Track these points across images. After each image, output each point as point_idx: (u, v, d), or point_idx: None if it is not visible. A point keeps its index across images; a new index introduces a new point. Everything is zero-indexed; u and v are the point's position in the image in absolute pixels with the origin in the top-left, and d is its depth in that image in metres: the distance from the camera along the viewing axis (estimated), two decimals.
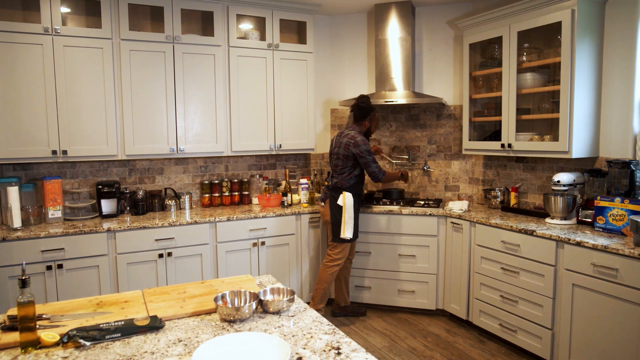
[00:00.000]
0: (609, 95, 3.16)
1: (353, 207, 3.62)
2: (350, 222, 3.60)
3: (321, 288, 3.69)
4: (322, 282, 3.68)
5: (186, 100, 3.74)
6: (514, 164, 3.92)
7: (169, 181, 4.07)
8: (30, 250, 3.07)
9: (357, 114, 3.70)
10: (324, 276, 3.68)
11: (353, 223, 3.61)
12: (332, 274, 3.68)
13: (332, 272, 3.67)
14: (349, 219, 3.60)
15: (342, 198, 3.61)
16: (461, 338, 3.53)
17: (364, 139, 3.57)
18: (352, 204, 3.61)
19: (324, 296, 3.70)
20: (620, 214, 2.79)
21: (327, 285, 3.69)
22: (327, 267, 3.68)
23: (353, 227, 3.61)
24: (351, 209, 3.61)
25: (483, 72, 3.81)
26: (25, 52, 3.22)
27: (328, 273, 3.67)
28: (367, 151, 3.55)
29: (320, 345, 1.41)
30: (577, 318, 2.76)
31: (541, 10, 3.21)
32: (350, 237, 3.61)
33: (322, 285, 3.68)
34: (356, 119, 3.71)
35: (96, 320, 1.61)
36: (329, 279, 3.68)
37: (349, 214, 3.60)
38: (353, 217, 3.61)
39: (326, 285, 3.68)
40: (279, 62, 4.06)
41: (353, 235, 3.63)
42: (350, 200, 3.61)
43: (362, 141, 3.55)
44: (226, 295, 1.73)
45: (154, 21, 3.79)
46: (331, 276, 3.68)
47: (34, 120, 3.27)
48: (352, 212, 3.61)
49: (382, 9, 4.18)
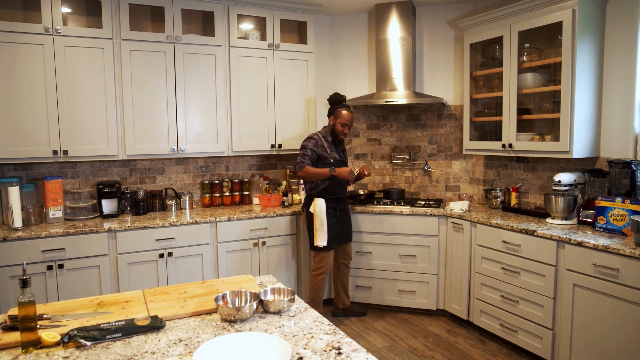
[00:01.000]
0: (610, 95, 3.16)
1: (326, 214, 3.53)
2: (322, 229, 3.51)
3: (311, 297, 3.64)
4: (310, 290, 3.64)
5: (187, 100, 3.74)
6: (515, 164, 3.92)
7: (170, 181, 4.07)
8: (31, 250, 3.07)
9: (328, 113, 3.70)
10: (311, 285, 3.64)
11: (326, 230, 3.52)
12: (317, 283, 3.61)
13: (318, 281, 3.60)
14: (320, 227, 3.51)
15: (313, 205, 3.55)
16: (462, 338, 3.53)
17: (310, 138, 3.57)
18: (324, 211, 3.52)
19: (315, 304, 3.62)
20: (621, 214, 2.79)
21: (316, 294, 3.62)
22: (312, 277, 3.63)
23: (326, 235, 3.52)
24: (323, 216, 3.51)
25: (484, 72, 3.81)
26: (26, 52, 3.22)
27: (313, 282, 3.62)
28: (303, 147, 3.53)
29: (320, 345, 1.41)
30: (577, 318, 2.76)
31: (542, 10, 3.20)
32: (324, 245, 3.51)
33: (311, 294, 3.64)
34: (328, 116, 3.71)
35: (97, 320, 1.61)
36: (315, 288, 3.62)
37: (319, 221, 3.51)
38: (325, 224, 3.52)
39: (314, 293, 3.62)
40: (280, 62, 4.06)
41: (328, 243, 3.53)
42: (322, 207, 3.52)
43: (308, 139, 3.56)
44: (227, 295, 1.73)
45: (155, 21, 3.80)
46: (317, 285, 3.61)
47: (34, 120, 3.27)
48: (323, 218, 3.51)
49: (382, 9, 4.18)
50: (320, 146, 3.57)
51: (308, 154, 3.51)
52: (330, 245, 3.57)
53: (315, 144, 3.55)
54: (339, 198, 3.65)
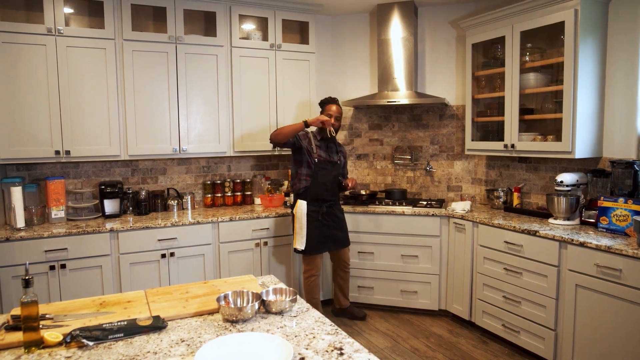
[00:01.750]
0: (613, 95, 3.15)
1: (305, 217, 3.44)
2: (300, 232, 3.42)
3: (306, 298, 3.62)
4: (305, 292, 3.64)
5: (189, 100, 3.74)
6: (517, 164, 3.91)
7: (172, 181, 4.07)
8: (34, 250, 3.08)
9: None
10: (304, 287, 3.63)
11: (304, 234, 3.43)
12: (309, 285, 3.58)
13: (309, 283, 3.58)
14: (299, 229, 3.43)
15: (296, 206, 3.49)
16: (464, 339, 3.52)
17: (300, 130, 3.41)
18: (305, 214, 3.43)
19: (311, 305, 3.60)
20: (624, 214, 2.78)
21: (310, 295, 3.60)
22: (304, 279, 3.62)
23: (305, 239, 3.42)
24: (302, 219, 3.43)
25: (486, 72, 3.80)
26: (29, 52, 3.23)
27: (306, 284, 3.60)
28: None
29: (322, 345, 1.41)
30: (580, 319, 2.75)
31: (544, 10, 3.20)
32: (302, 248, 3.44)
33: (306, 295, 3.63)
34: None
35: (99, 320, 1.61)
36: (308, 290, 3.60)
37: (299, 224, 3.43)
38: (304, 227, 3.43)
39: (309, 295, 3.61)
40: (281, 62, 4.07)
41: (308, 248, 3.44)
42: (302, 210, 3.44)
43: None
44: (229, 296, 1.73)
45: (157, 21, 3.80)
46: (309, 287, 3.58)
47: (37, 120, 3.28)
48: (303, 222, 3.43)
49: (384, 9, 4.18)
50: (306, 139, 3.50)
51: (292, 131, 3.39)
52: (312, 250, 3.48)
53: (304, 135, 3.49)
54: (323, 200, 3.52)
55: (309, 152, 3.49)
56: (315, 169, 3.49)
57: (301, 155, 3.50)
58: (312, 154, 3.48)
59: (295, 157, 3.54)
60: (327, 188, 3.54)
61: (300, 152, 3.50)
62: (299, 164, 3.52)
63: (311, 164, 3.49)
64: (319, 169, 3.51)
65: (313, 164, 3.48)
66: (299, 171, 3.51)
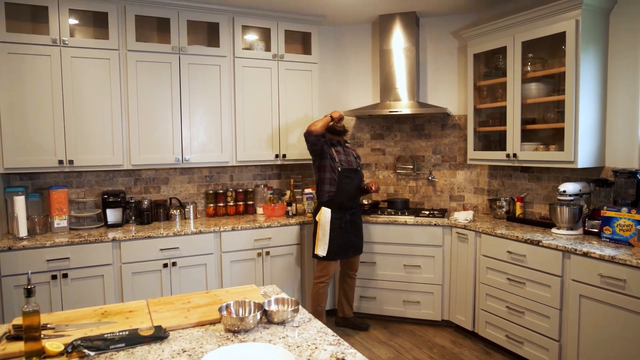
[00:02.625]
0: (614, 105, 3.15)
1: (329, 224, 3.50)
2: (323, 239, 3.49)
3: (312, 305, 3.63)
4: (312, 299, 3.63)
5: (192, 110, 3.76)
6: (519, 173, 3.91)
7: (174, 191, 4.08)
8: (36, 260, 3.08)
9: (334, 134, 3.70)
10: (312, 293, 3.63)
11: (327, 240, 3.50)
12: (318, 292, 3.59)
13: (318, 290, 3.59)
14: (322, 236, 3.50)
15: (320, 214, 3.54)
16: (467, 350, 3.49)
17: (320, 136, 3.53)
18: (329, 221, 3.50)
19: (316, 313, 3.60)
20: (627, 224, 2.77)
21: (317, 302, 3.60)
22: (313, 285, 3.63)
23: (327, 245, 3.50)
24: (326, 226, 3.49)
25: (487, 82, 3.81)
26: (34, 63, 3.26)
27: (314, 291, 3.61)
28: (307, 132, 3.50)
29: (324, 356, 1.40)
30: (584, 329, 2.73)
31: (545, 21, 3.22)
32: (323, 255, 3.49)
33: (312, 302, 3.63)
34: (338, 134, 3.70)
35: (101, 330, 1.61)
36: (317, 297, 3.60)
37: (322, 231, 3.50)
38: (327, 234, 3.49)
39: (315, 302, 3.61)
40: (284, 73, 4.09)
41: (329, 254, 3.51)
42: (327, 217, 3.50)
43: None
44: (230, 306, 1.73)
45: (160, 32, 3.84)
46: (318, 293, 3.59)
47: (41, 130, 3.30)
48: (327, 228, 3.49)
49: (386, 20, 4.21)
50: (327, 143, 3.56)
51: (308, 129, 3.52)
52: (332, 256, 3.54)
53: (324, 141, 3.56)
54: (346, 208, 3.59)
55: (332, 157, 3.55)
56: (339, 177, 3.54)
57: (324, 160, 3.55)
58: (335, 157, 3.55)
59: (320, 163, 3.57)
60: (350, 196, 3.60)
61: (324, 157, 3.55)
62: (323, 170, 3.56)
63: (334, 169, 3.54)
64: (343, 177, 3.56)
65: (337, 171, 3.54)
66: (323, 176, 3.55)
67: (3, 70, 3.17)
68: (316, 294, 3.60)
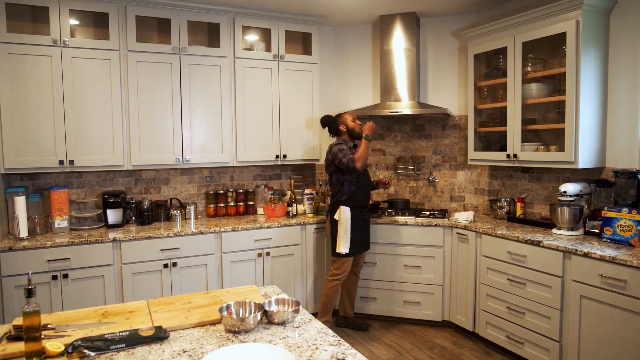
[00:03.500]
0: (615, 105, 3.15)
1: (350, 222, 3.55)
2: (345, 236, 3.54)
3: (323, 302, 3.67)
4: (323, 296, 3.67)
5: (192, 110, 3.76)
6: (520, 174, 3.91)
7: (175, 191, 4.08)
8: (36, 260, 3.08)
9: (332, 131, 3.75)
10: (325, 290, 3.66)
11: (349, 238, 3.55)
12: (332, 289, 3.63)
13: (332, 287, 3.62)
14: (344, 234, 3.54)
15: (339, 212, 3.57)
16: (467, 350, 3.49)
17: (338, 143, 3.57)
18: (349, 218, 3.55)
19: (326, 310, 3.67)
20: (628, 224, 2.77)
21: (329, 300, 3.65)
22: (327, 282, 3.65)
23: (349, 242, 3.55)
24: (347, 224, 3.54)
25: (488, 82, 3.81)
26: (35, 63, 3.26)
27: (328, 287, 3.64)
28: (338, 150, 3.50)
29: (325, 356, 1.40)
30: (585, 330, 2.73)
31: (545, 21, 3.22)
32: (346, 252, 3.54)
33: (324, 299, 3.66)
34: (336, 135, 3.73)
35: (101, 330, 1.61)
36: (329, 294, 3.64)
37: (344, 229, 3.55)
38: (349, 231, 3.54)
39: (327, 299, 3.65)
40: (285, 73, 4.09)
41: (350, 250, 3.55)
42: (347, 215, 3.55)
43: (338, 144, 3.55)
44: (231, 306, 1.73)
45: (161, 33, 3.84)
46: (331, 290, 3.63)
47: (41, 130, 3.30)
48: (347, 226, 3.54)
49: (386, 20, 4.21)
50: (349, 149, 3.58)
51: (346, 148, 3.52)
52: (352, 252, 3.60)
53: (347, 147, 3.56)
54: (362, 206, 3.66)
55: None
56: (357, 176, 3.58)
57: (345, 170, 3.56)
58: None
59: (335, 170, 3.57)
60: (366, 194, 3.69)
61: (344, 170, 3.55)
62: (343, 172, 3.55)
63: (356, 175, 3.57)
64: (361, 175, 3.61)
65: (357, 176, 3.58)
66: (343, 177, 3.55)
67: (4, 70, 3.17)
68: (330, 291, 3.63)
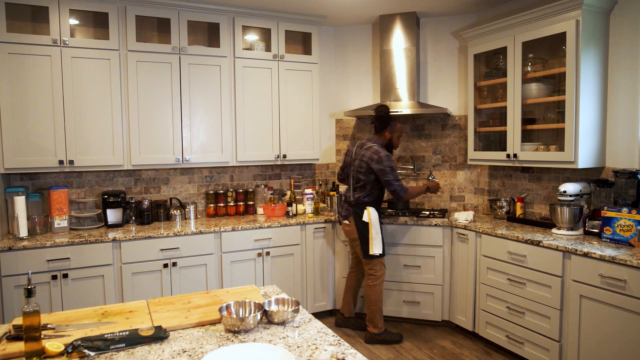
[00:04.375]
0: (615, 105, 3.15)
1: (379, 222, 3.53)
2: (377, 237, 3.49)
3: (376, 308, 3.57)
4: (374, 302, 3.56)
5: (192, 110, 3.76)
6: (520, 174, 3.91)
7: (175, 191, 4.08)
8: (36, 260, 3.08)
9: (377, 125, 3.57)
10: (374, 296, 3.55)
11: (381, 238, 3.51)
12: (380, 292, 3.56)
13: (380, 290, 3.56)
14: (376, 235, 3.49)
15: (367, 214, 3.50)
16: (467, 350, 3.49)
17: (387, 155, 3.43)
18: (377, 219, 3.52)
19: (378, 314, 3.58)
20: (628, 224, 2.77)
21: (381, 303, 3.58)
22: (372, 287, 3.55)
23: (382, 242, 3.51)
24: (377, 224, 3.51)
25: (488, 82, 3.81)
26: (34, 63, 3.26)
27: (376, 292, 3.55)
28: (390, 167, 3.39)
29: (325, 356, 1.40)
30: (585, 330, 2.73)
31: (545, 21, 3.22)
32: (380, 252, 3.50)
33: (376, 304, 3.56)
34: (376, 130, 3.60)
35: (101, 330, 1.61)
36: (380, 297, 3.57)
37: (375, 230, 3.49)
38: (380, 232, 3.51)
39: (380, 303, 3.57)
40: (284, 73, 4.09)
41: (383, 249, 3.52)
42: (376, 216, 3.51)
43: (386, 157, 3.40)
44: (231, 306, 1.73)
45: (161, 32, 3.84)
46: (379, 293, 3.56)
47: (41, 130, 3.30)
48: (378, 227, 3.50)
49: (386, 20, 4.21)
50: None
51: (396, 173, 3.45)
52: (385, 252, 3.59)
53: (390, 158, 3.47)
54: (380, 208, 3.65)
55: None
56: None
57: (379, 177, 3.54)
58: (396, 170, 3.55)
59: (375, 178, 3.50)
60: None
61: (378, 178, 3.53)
62: (377, 182, 3.51)
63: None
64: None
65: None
66: (376, 186, 3.52)
67: (3, 70, 3.17)
68: (378, 293, 3.55)
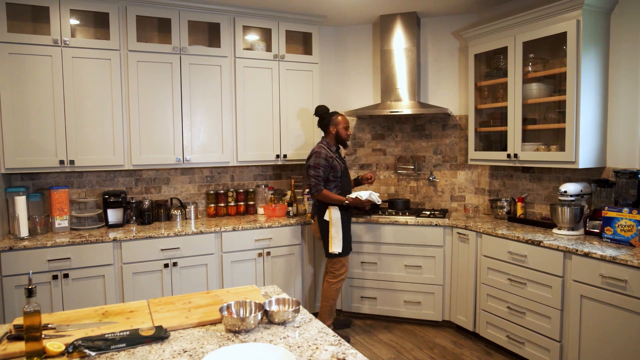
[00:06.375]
0: (616, 105, 3.15)
1: (341, 221, 3.54)
2: (337, 236, 3.53)
3: (327, 305, 3.63)
4: (327, 299, 3.62)
5: (192, 110, 3.76)
6: (520, 174, 3.90)
7: (175, 191, 4.08)
8: (37, 260, 3.08)
9: (320, 125, 3.73)
10: (328, 293, 3.62)
11: (341, 237, 3.54)
12: (337, 290, 3.62)
13: (337, 288, 3.62)
14: (336, 234, 3.53)
15: (328, 213, 3.55)
16: (468, 350, 3.49)
17: (319, 153, 3.50)
18: (339, 218, 3.54)
19: (331, 313, 3.65)
20: (629, 224, 2.77)
21: (334, 302, 3.64)
22: (330, 284, 3.61)
23: (342, 242, 3.54)
24: (338, 223, 3.53)
25: (488, 82, 3.81)
26: (35, 63, 3.26)
27: (333, 289, 3.61)
28: (315, 164, 3.47)
29: (325, 356, 1.40)
30: (585, 330, 2.73)
31: (546, 21, 3.21)
32: (339, 251, 3.52)
33: (328, 302, 3.62)
34: (323, 130, 3.73)
35: (101, 330, 1.61)
36: (335, 296, 3.62)
37: (335, 229, 3.53)
38: (340, 231, 3.54)
39: (332, 302, 3.63)
40: (285, 73, 4.09)
41: (343, 249, 3.55)
42: (337, 215, 3.54)
43: (317, 154, 3.50)
44: (231, 306, 1.73)
45: (161, 32, 3.84)
46: (336, 292, 3.62)
47: (42, 130, 3.30)
48: (339, 226, 3.53)
49: (387, 20, 4.21)
50: (330, 157, 3.55)
51: (321, 175, 3.49)
52: (347, 251, 3.60)
53: (325, 159, 3.51)
54: (347, 206, 3.63)
55: (335, 166, 3.56)
56: (341, 180, 3.60)
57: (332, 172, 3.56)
58: (338, 168, 3.57)
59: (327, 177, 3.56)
60: (349, 194, 3.65)
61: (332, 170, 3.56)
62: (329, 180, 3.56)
63: (337, 176, 3.57)
64: (343, 177, 3.62)
65: (338, 176, 3.58)
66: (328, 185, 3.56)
67: (4, 70, 3.17)
68: (335, 292, 3.61)
